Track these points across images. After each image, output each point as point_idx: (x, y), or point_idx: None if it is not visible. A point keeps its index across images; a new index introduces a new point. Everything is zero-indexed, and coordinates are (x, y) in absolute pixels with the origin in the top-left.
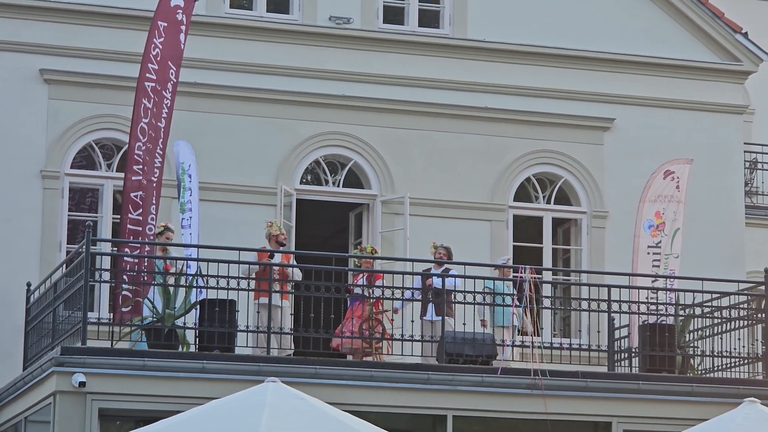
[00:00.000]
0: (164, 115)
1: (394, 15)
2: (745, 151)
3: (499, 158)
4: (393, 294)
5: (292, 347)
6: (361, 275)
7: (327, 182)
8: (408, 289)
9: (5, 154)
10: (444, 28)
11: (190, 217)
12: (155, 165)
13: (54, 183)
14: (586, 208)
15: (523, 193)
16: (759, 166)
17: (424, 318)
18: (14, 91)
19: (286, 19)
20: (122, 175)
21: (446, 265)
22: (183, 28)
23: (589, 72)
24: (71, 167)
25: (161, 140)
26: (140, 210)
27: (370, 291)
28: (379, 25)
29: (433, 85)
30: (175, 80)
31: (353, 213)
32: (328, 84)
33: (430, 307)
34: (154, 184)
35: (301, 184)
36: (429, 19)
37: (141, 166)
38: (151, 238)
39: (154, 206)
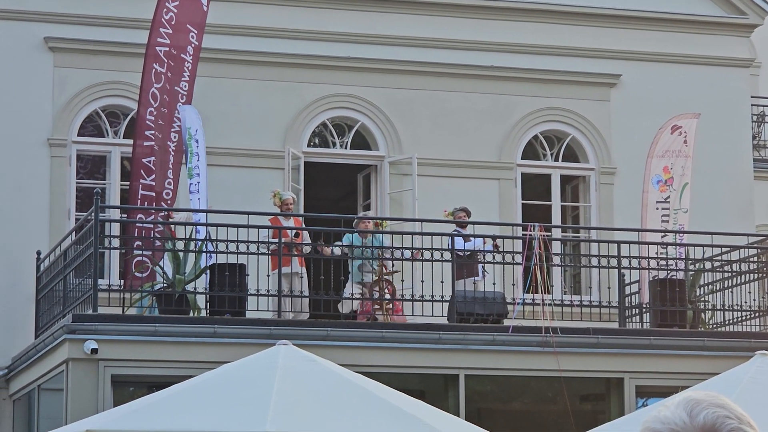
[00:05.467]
0: (185, 78)
1: None
2: (752, 105)
3: (506, 117)
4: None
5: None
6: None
7: (334, 144)
8: (445, 250)
9: (12, 123)
10: None
11: (198, 182)
12: (173, 129)
13: (61, 151)
14: (594, 164)
15: (530, 151)
16: (766, 119)
17: (474, 278)
18: (19, 60)
19: None
20: (130, 141)
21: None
22: None
23: (595, 28)
24: (78, 135)
25: (180, 105)
26: (153, 175)
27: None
28: None
29: (438, 45)
30: (197, 44)
31: (361, 175)
32: (333, 46)
33: (480, 268)
34: (172, 149)
35: (308, 147)
36: None
37: (153, 132)
38: (169, 203)
39: (170, 171)
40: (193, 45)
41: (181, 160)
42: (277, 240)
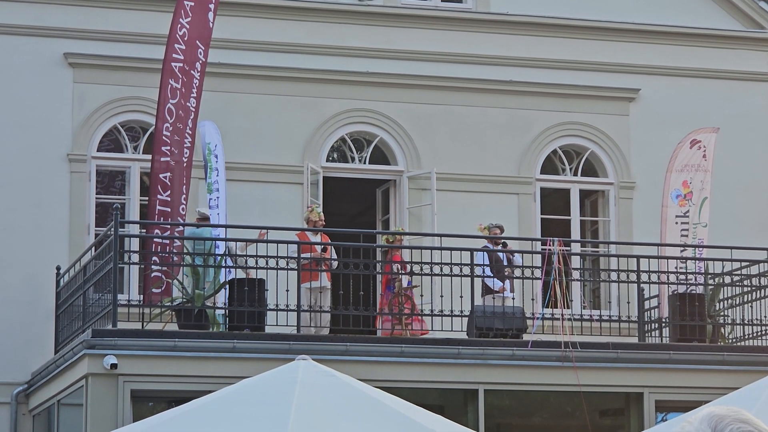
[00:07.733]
0: (194, 95)
1: None
2: None
3: (525, 131)
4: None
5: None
6: (397, 256)
7: (353, 159)
8: (478, 265)
9: (32, 139)
10: (467, 2)
11: (218, 197)
12: (185, 145)
13: (81, 166)
14: (613, 179)
15: (549, 166)
16: None
17: (504, 294)
18: (39, 76)
19: None
20: (149, 156)
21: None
22: (212, 6)
23: (613, 43)
24: (98, 150)
25: (191, 120)
26: (169, 191)
27: (406, 267)
28: (401, 1)
29: (457, 60)
30: (204, 60)
31: (380, 189)
32: (352, 61)
33: (507, 283)
34: (184, 165)
35: (327, 161)
36: None
37: (169, 147)
38: (183, 218)
39: (185, 186)
40: (200, 61)
41: (191, 175)
42: (308, 255)
